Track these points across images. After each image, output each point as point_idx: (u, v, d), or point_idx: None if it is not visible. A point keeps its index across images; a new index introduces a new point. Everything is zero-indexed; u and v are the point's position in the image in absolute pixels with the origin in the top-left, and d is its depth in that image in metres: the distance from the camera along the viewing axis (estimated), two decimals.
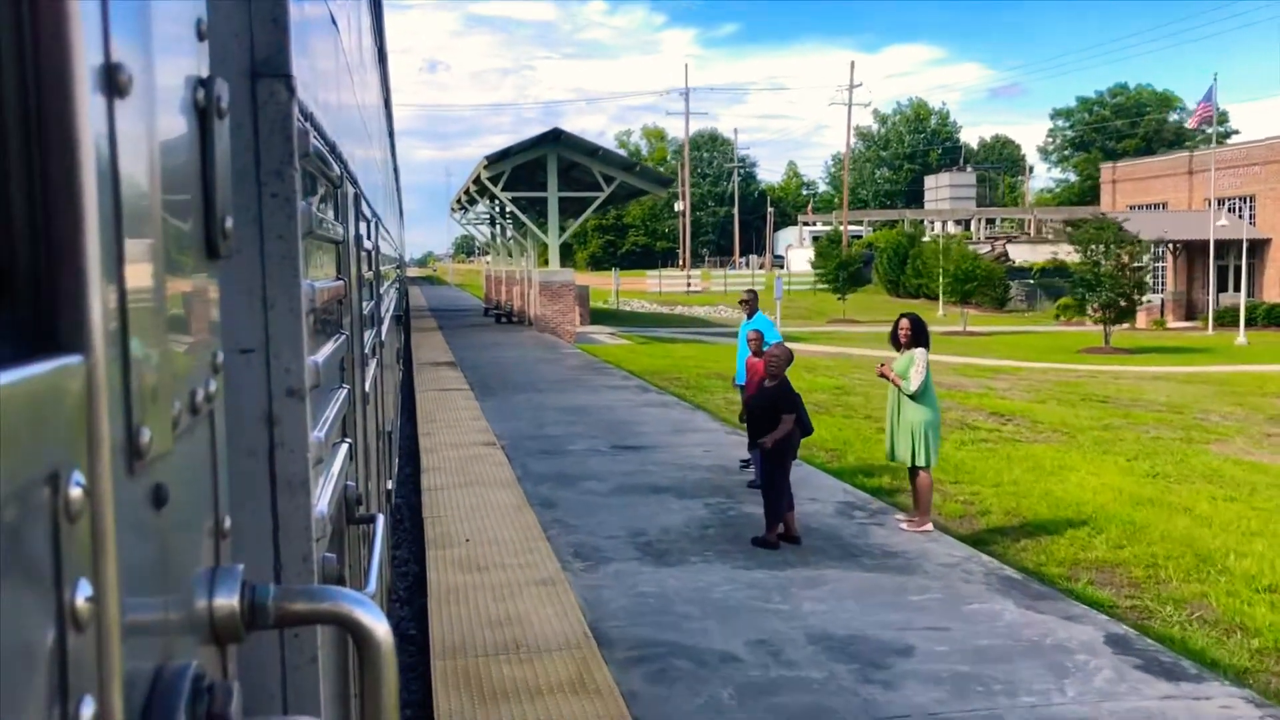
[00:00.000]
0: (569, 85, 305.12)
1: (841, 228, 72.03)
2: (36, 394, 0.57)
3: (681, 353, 26.36)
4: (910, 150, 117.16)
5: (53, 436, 0.59)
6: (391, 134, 11.63)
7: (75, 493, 0.60)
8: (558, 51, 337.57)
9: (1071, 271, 33.39)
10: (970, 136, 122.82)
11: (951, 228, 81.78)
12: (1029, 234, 78.51)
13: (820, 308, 53.93)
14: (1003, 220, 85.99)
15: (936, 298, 56.44)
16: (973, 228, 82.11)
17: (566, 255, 44.40)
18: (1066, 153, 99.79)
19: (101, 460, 0.65)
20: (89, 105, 0.63)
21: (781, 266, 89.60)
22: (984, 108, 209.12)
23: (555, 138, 28.78)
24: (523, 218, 30.50)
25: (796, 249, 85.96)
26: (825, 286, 64.21)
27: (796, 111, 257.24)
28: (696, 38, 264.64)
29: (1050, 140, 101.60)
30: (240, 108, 1.36)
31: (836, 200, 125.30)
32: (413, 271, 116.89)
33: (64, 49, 0.61)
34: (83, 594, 0.61)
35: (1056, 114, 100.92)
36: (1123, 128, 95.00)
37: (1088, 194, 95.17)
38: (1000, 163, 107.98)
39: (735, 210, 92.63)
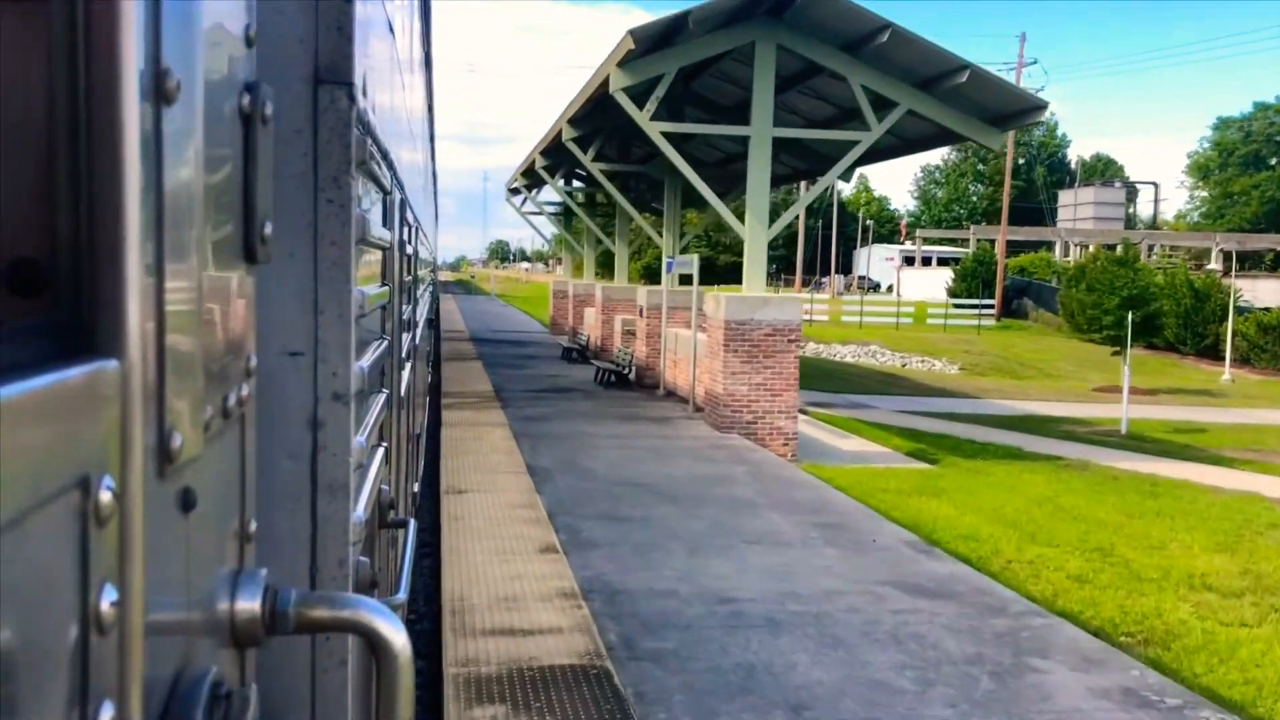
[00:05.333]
0: None
1: (997, 248, 56.07)
2: (72, 398, 0.56)
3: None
4: (1013, 164, 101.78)
5: (86, 441, 0.58)
6: (432, 138, 10.71)
7: (105, 497, 0.59)
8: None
9: None
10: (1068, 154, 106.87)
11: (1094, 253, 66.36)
12: (1208, 264, 62.77)
13: (1011, 352, 37.96)
14: (1169, 247, 69.76)
15: (1172, 349, 40.62)
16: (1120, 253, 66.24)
17: (606, 267, 28.58)
18: (1230, 171, 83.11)
19: (133, 464, 0.64)
20: (137, 112, 0.62)
21: (876, 289, 74.36)
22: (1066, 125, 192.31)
23: (779, 8, 12.85)
24: (692, 178, 13.63)
25: (909, 270, 70.17)
26: (983, 322, 48.81)
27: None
28: None
29: (1216, 154, 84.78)
30: (300, 113, 1.34)
31: (926, 217, 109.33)
32: (444, 275, 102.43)
33: (115, 56, 0.60)
34: (108, 598, 0.60)
35: (1223, 123, 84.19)
36: None
37: (1263, 219, 78.60)
38: (1127, 181, 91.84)
39: (834, 221, 76.84)
